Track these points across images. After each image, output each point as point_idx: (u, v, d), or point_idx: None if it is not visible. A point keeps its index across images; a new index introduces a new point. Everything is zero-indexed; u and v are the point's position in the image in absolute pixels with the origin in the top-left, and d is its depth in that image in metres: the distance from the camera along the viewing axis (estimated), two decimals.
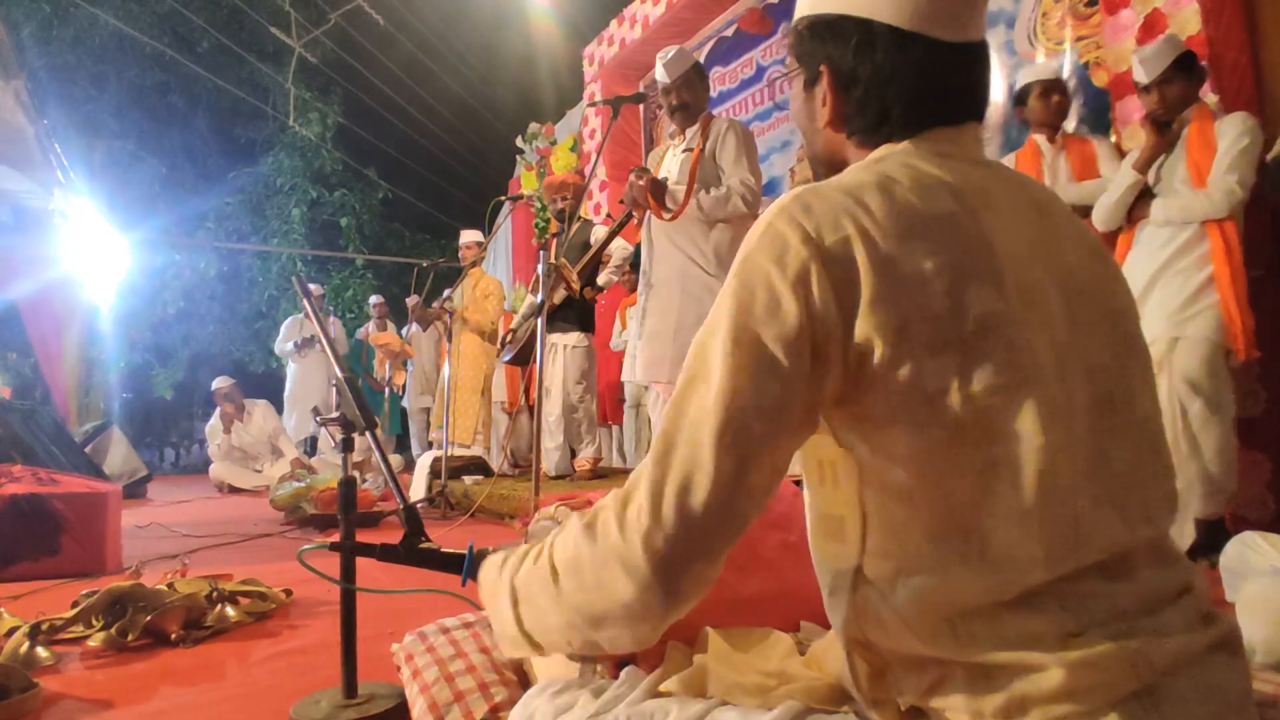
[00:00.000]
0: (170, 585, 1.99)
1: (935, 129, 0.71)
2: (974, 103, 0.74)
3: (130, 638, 1.78)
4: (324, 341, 1.57)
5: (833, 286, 0.60)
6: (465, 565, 1.30)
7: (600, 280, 4.61)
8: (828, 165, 0.81)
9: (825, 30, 0.73)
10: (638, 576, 0.64)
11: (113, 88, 11.78)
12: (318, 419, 1.48)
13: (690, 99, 2.97)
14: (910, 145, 0.71)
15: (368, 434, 1.43)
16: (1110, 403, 0.64)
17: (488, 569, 0.89)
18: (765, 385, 0.61)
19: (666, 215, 2.81)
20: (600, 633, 0.70)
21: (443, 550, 1.32)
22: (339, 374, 1.46)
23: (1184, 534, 2.36)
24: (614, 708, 0.85)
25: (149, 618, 1.81)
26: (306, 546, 1.31)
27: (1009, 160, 3.18)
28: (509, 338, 4.87)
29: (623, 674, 0.93)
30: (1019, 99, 3.16)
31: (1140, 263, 2.52)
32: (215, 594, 1.99)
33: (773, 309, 0.61)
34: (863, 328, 0.60)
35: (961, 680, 0.61)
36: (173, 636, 1.82)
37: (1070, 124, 3.57)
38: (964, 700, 0.60)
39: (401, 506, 1.33)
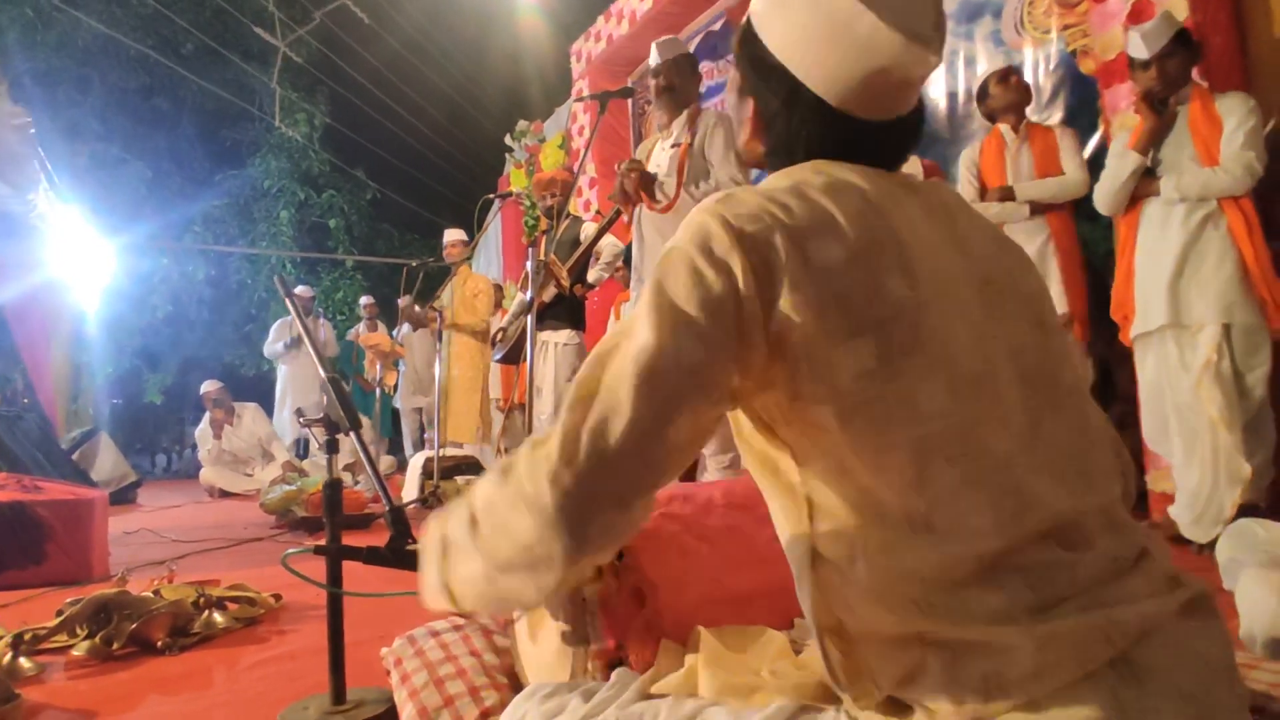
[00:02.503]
0: (156, 592, 1.97)
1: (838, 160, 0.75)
2: (890, 161, 0.76)
3: (115, 646, 1.75)
4: (308, 340, 1.54)
5: (753, 270, 0.63)
6: None
7: (591, 277, 4.58)
8: (748, 162, 0.89)
9: (763, 68, 0.76)
10: (542, 515, 0.63)
11: (97, 91, 11.66)
12: (301, 420, 1.45)
13: (678, 83, 2.95)
14: (815, 166, 0.74)
15: (353, 435, 1.40)
16: (1037, 380, 0.68)
17: (430, 523, 0.84)
18: (687, 343, 0.62)
19: (657, 207, 2.78)
20: (506, 580, 0.69)
21: None
22: (323, 374, 1.43)
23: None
24: (604, 710, 0.84)
25: (134, 626, 1.78)
26: (291, 551, 1.28)
27: (974, 149, 3.21)
28: (499, 336, 4.85)
29: (614, 675, 0.92)
30: (979, 97, 3.18)
31: (1158, 243, 2.50)
32: (202, 600, 1.96)
33: (696, 280, 0.63)
34: (782, 311, 0.62)
35: (936, 666, 0.60)
36: (159, 644, 1.79)
37: (1056, 115, 3.57)
38: (941, 685, 0.60)
39: (387, 509, 1.31)
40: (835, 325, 0.62)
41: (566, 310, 4.40)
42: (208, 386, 7.07)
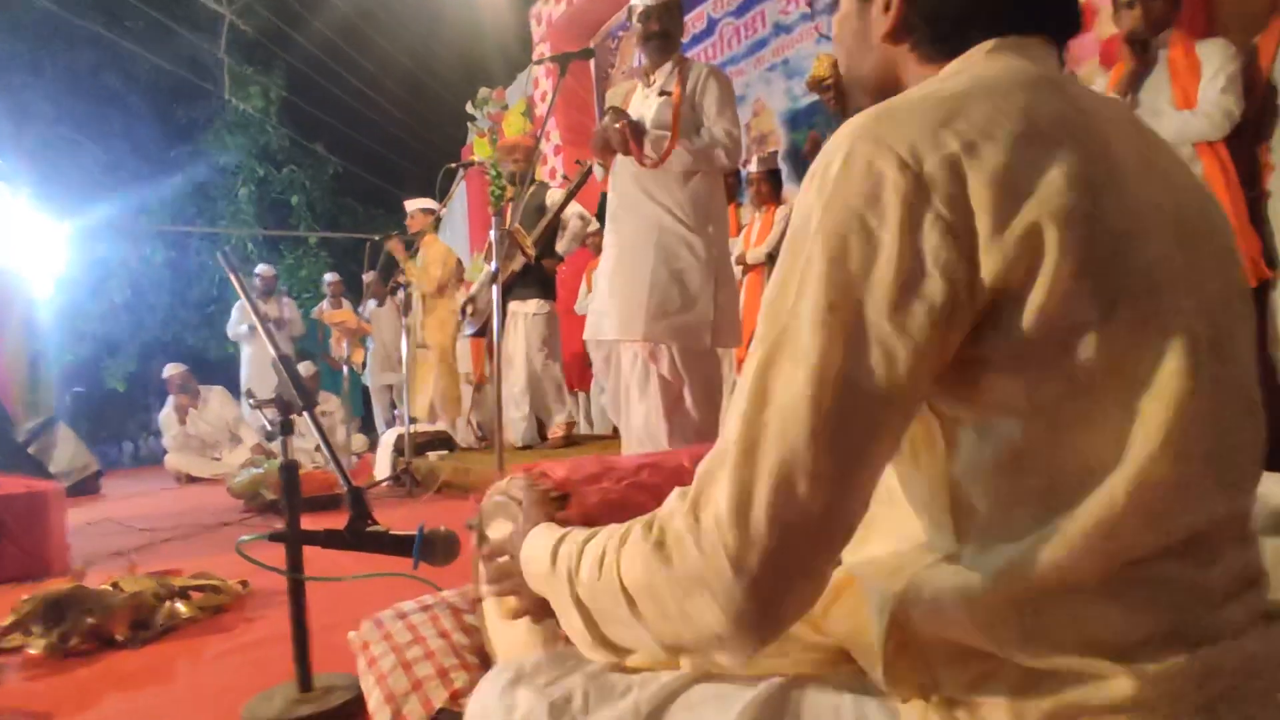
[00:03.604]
0: (115, 585, 1.90)
1: (1015, 35, 0.61)
2: (1072, 13, 0.64)
3: (73, 643, 1.69)
4: (255, 319, 1.47)
5: (945, 220, 0.48)
6: (416, 547, 1.24)
7: (560, 248, 4.49)
8: (877, 89, 0.70)
9: None
10: (730, 605, 0.51)
11: (48, 73, 11.18)
12: (251, 402, 1.39)
13: (671, 28, 2.77)
14: (984, 52, 0.61)
15: (306, 415, 1.34)
16: (1222, 349, 0.53)
17: (530, 550, 0.77)
18: (873, 360, 0.49)
19: (649, 162, 2.62)
20: (691, 658, 0.61)
21: (391, 533, 1.26)
22: (274, 353, 1.37)
23: None
24: (570, 676, 0.78)
25: (92, 621, 1.72)
26: (245, 538, 1.23)
27: None
28: (470, 309, 4.75)
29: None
30: None
31: None
32: (164, 591, 1.90)
33: (873, 259, 0.49)
34: (988, 263, 0.48)
35: (1010, 680, 0.53)
36: (119, 639, 1.73)
37: None
38: (1008, 700, 0.53)
39: (346, 489, 1.26)
40: (1051, 268, 0.48)
41: (535, 279, 4.31)
42: (170, 370, 6.90)
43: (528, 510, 0.88)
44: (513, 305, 4.35)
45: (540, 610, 0.79)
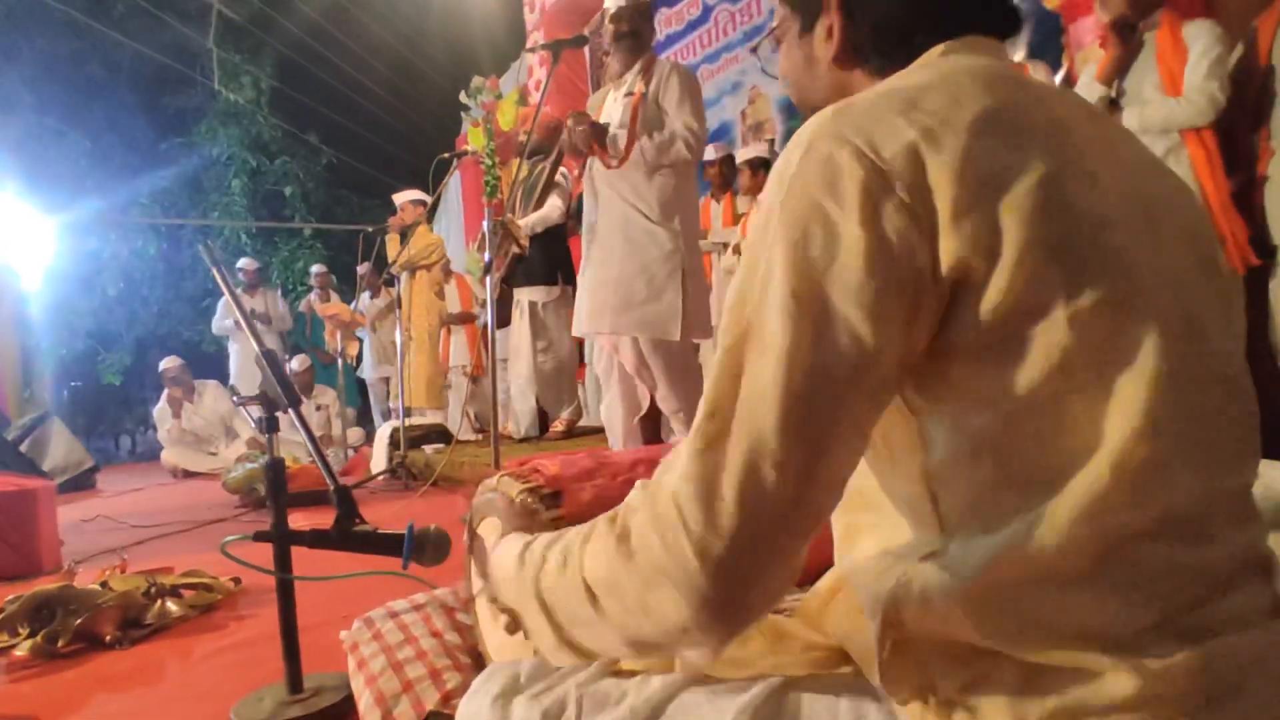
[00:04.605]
0: (105, 584, 1.87)
1: (967, 36, 0.63)
2: (1003, 7, 0.65)
3: (61, 644, 1.67)
4: (239, 314, 1.44)
5: (905, 207, 0.49)
6: (405, 547, 1.21)
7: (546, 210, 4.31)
8: (836, 93, 0.70)
9: None
10: (694, 595, 0.50)
11: (25, 59, 11.04)
12: (235, 399, 1.36)
13: (639, 28, 2.83)
14: (937, 54, 0.62)
15: (291, 412, 1.31)
16: (1197, 330, 0.53)
17: (498, 557, 0.75)
18: (838, 347, 0.49)
19: (612, 162, 2.68)
20: (656, 654, 0.61)
21: (379, 532, 1.22)
22: (257, 349, 1.34)
23: None
24: (563, 683, 0.77)
25: (80, 621, 1.69)
26: (229, 538, 1.20)
27: None
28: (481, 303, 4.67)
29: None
30: None
31: None
32: (154, 589, 1.87)
33: (835, 248, 0.49)
34: (948, 249, 0.49)
35: (1009, 679, 0.52)
36: (108, 639, 1.71)
37: (1019, 52, 3.49)
38: (1008, 701, 0.51)
39: (332, 488, 1.23)
40: (1012, 253, 0.48)
41: (540, 263, 4.16)
42: (166, 364, 6.86)
43: (503, 521, 0.86)
44: (521, 292, 4.27)
45: (515, 621, 0.77)
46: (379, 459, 4.53)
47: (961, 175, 0.49)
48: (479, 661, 1.21)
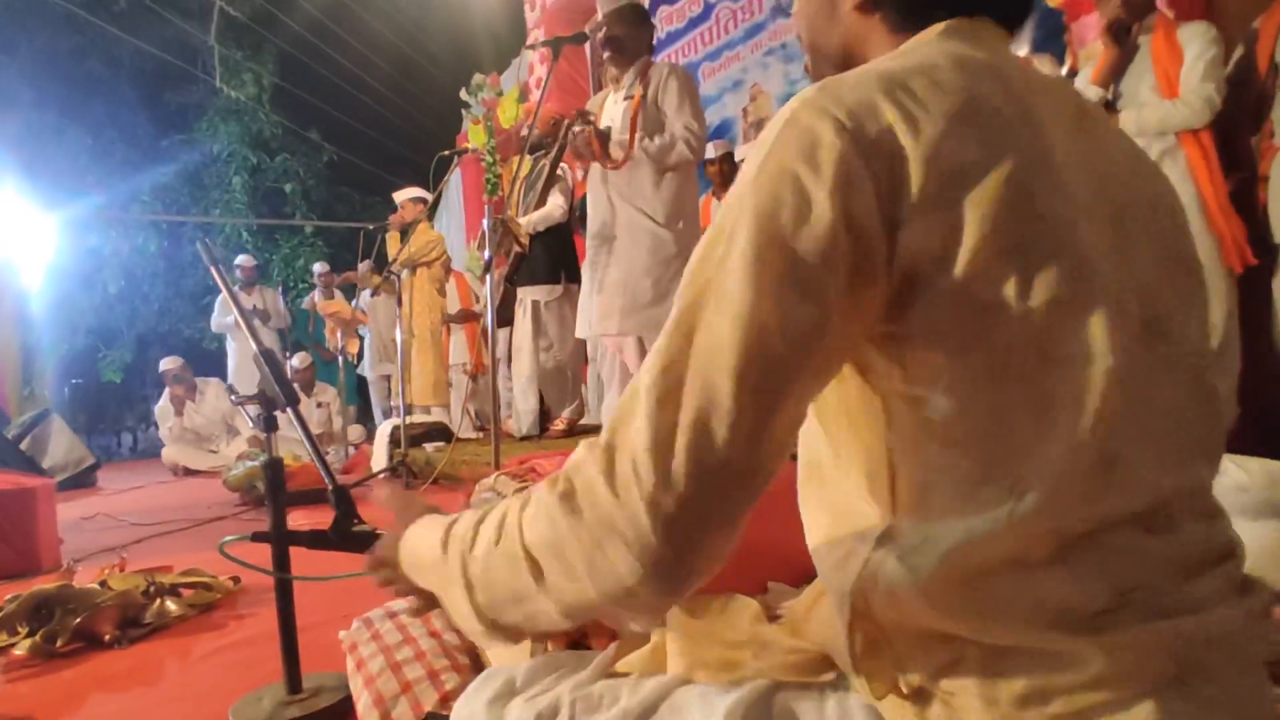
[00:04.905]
0: (104, 583, 1.87)
1: (974, 18, 0.63)
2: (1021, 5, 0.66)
3: (59, 643, 1.66)
4: (238, 315, 1.43)
5: (875, 185, 0.50)
6: None
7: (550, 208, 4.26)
8: (841, 62, 0.70)
9: None
10: (644, 551, 0.50)
11: (24, 54, 11.01)
12: (234, 398, 1.35)
13: (622, 34, 2.84)
14: (935, 33, 0.63)
15: (290, 411, 1.31)
16: (1158, 329, 0.54)
17: (415, 541, 0.72)
18: (796, 308, 0.49)
19: (610, 165, 2.69)
20: (593, 617, 0.60)
21: (377, 532, 1.22)
22: (255, 348, 1.33)
23: None
24: (556, 687, 0.77)
25: (79, 620, 1.69)
26: (227, 538, 1.20)
27: None
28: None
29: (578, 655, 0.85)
30: None
31: None
32: (153, 588, 1.87)
33: (804, 215, 0.50)
34: (910, 231, 0.50)
35: (976, 663, 0.53)
36: (106, 638, 1.70)
37: (1022, 49, 3.48)
38: (977, 684, 0.52)
39: (330, 488, 1.23)
40: (972, 243, 0.49)
41: (543, 261, 4.10)
42: (168, 364, 6.85)
43: (400, 510, 0.82)
44: (523, 291, 4.25)
45: (427, 603, 0.73)
46: (379, 457, 4.53)
47: (931, 165, 0.50)
48: (477, 663, 1.20)
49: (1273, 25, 2.37)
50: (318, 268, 7.44)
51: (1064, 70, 3.23)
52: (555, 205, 4.03)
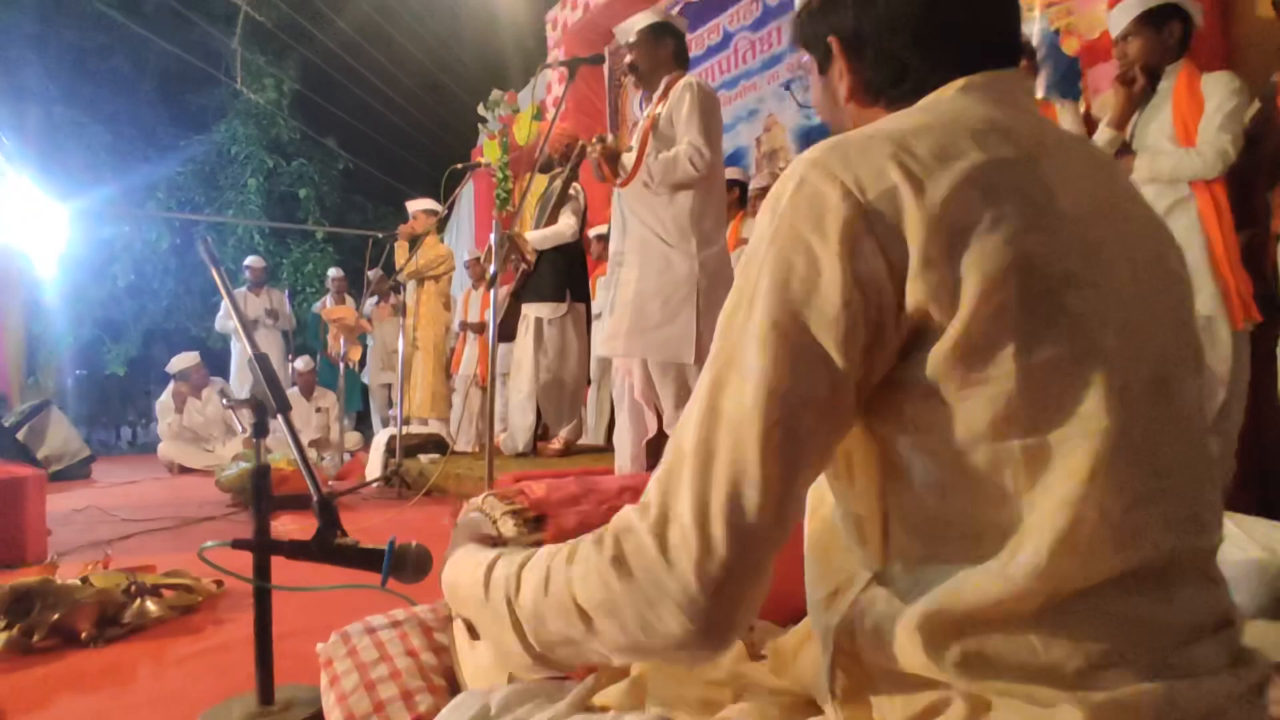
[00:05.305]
0: (86, 579, 1.85)
1: (971, 74, 0.64)
2: (998, 36, 0.66)
3: (36, 638, 1.64)
4: (235, 318, 1.42)
5: (881, 248, 0.52)
6: (385, 563, 1.19)
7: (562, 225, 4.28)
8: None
9: (824, 5, 0.71)
10: (695, 612, 0.53)
11: (52, 50, 11.17)
12: (225, 403, 1.34)
13: (639, 59, 2.83)
14: (954, 90, 0.64)
15: (280, 419, 1.30)
16: (1165, 390, 0.55)
17: (454, 574, 0.76)
18: (813, 375, 0.52)
19: (619, 182, 2.70)
20: (647, 660, 0.63)
21: (360, 546, 1.21)
22: (250, 352, 1.32)
23: None
24: (532, 717, 0.76)
25: (57, 616, 1.67)
26: (208, 544, 1.18)
27: None
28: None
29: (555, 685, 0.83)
30: None
31: None
32: (134, 588, 1.85)
33: (815, 282, 0.52)
34: (914, 291, 0.51)
35: (958, 710, 0.53)
36: (83, 636, 1.68)
37: (1039, 91, 3.50)
38: None
39: (315, 499, 1.21)
40: (972, 303, 0.50)
41: (549, 279, 4.11)
42: (186, 359, 6.67)
43: (455, 534, 0.88)
44: (527, 307, 4.25)
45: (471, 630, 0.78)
46: (374, 466, 4.51)
47: (934, 226, 0.51)
48: (453, 685, 1.18)
49: None
50: (332, 272, 7.46)
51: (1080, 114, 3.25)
52: (566, 225, 4.04)
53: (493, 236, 2.94)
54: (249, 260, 7.58)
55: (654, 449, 3.02)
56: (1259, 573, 1.43)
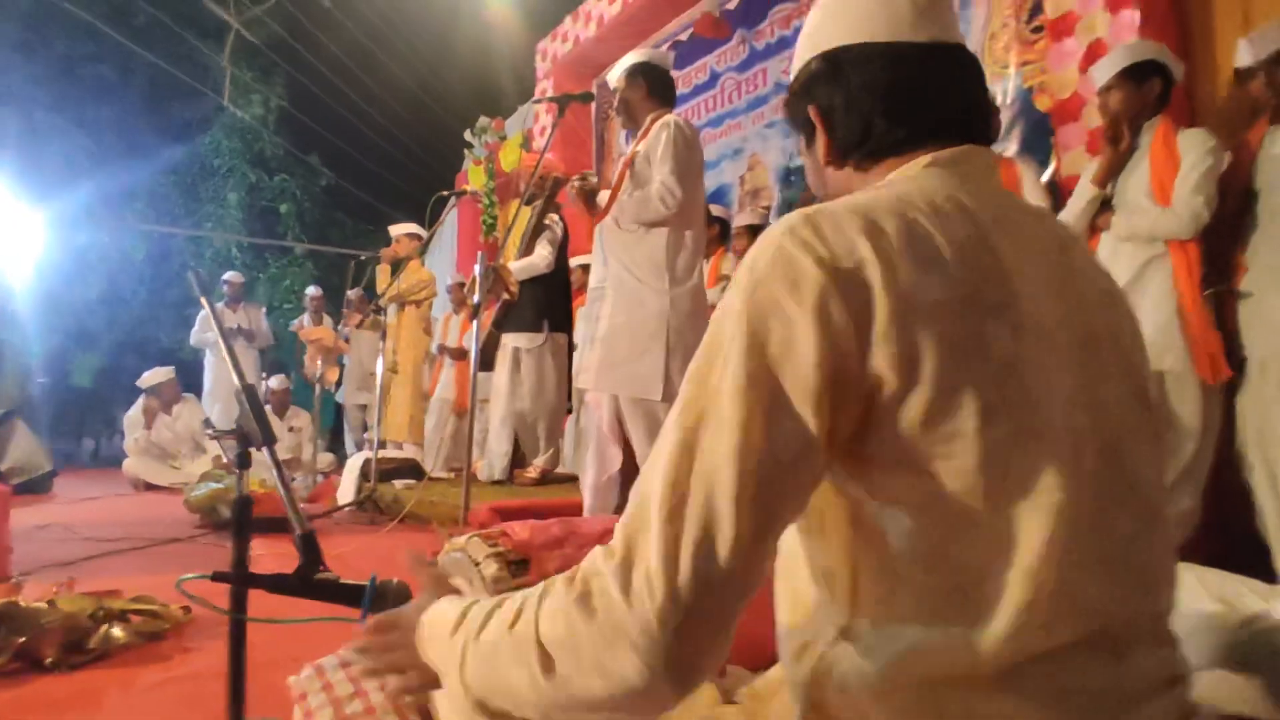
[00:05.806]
0: (51, 602, 1.82)
1: (938, 148, 0.69)
2: (961, 110, 0.71)
3: (0, 663, 1.61)
4: (225, 353, 1.43)
5: (850, 314, 0.55)
6: (366, 599, 1.19)
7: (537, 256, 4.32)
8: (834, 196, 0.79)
9: (806, 81, 0.76)
10: (652, 658, 0.53)
11: (39, 57, 11.11)
12: (210, 433, 1.35)
13: (627, 97, 2.86)
14: (920, 166, 0.68)
15: (265, 450, 1.30)
16: (1117, 459, 0.59)
17: (439, 621, 0.72)
18: (786, 431, 0.54)
19: (595, 218, 2.76)
20: (596, 715, 0.61)
21: (341, 581, 1.21)
22: (237, 383, 1.33)
23: None
24: None
25: (21, 641, 1.64)
26: (186, 576, 1.18)
27: None
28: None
29: None
30: None
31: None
32: (101, 612, 1.82)
33: (790, 343, 0.55)
34: (875, 359, 0.55)
35: None
36: (47, 661, 1.66)
37: (1011, 148, 3.61)
38: None
39: (298, 533, 1.22)
40: (929, 378, 0.54)
41: (529, 310, 4.13)
42: (160, 374, 6.48)
43: (429, 584, 0.83)
44: (507, 337, 4.27)
45: (427, 684, 0.73)
46: (346, 490, 4.46)
47: (895, 302, 0.55)
48: None
49: (1256, 140, 2.40)
50: (311, 291, 7.41)
51: (1048, 172, 3.36)
52: (540, 256, 4.07)
53: (477, 267, 2.96)
54: (227, 275, 7.52)
55: (626, 479, 3.03)
56: (1216, 625, 1.47)
